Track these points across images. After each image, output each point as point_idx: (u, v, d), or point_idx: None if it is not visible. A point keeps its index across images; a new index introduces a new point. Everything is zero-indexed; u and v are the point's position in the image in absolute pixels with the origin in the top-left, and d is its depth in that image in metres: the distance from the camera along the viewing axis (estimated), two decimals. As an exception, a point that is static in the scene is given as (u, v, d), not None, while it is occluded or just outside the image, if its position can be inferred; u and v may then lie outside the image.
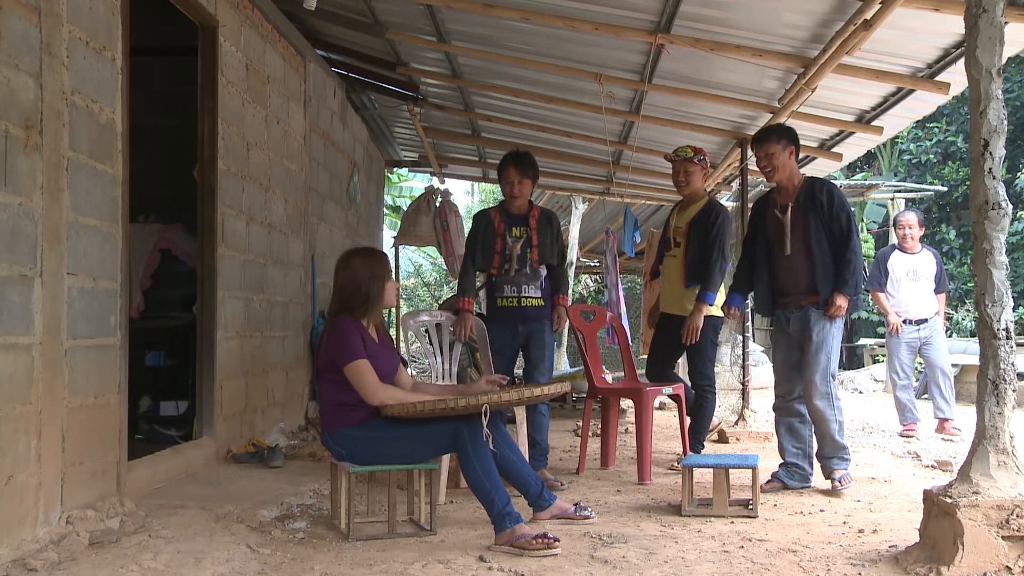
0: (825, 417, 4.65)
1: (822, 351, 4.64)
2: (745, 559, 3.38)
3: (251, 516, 3.88)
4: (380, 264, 3.93)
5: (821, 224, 4.65)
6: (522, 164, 5.07)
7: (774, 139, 4.75)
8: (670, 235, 5.63)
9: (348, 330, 3.76)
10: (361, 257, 3.94)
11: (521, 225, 5.09)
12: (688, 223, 5.49)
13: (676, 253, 5.56)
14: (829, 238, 4.65)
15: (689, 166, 5.45)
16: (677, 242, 5.56)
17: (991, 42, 3.18)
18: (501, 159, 5.17)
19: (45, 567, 3.02)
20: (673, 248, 5.59)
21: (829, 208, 4.64)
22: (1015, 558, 2.99)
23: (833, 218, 4.64)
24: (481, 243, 5.10)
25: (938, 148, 19.75)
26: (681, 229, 5.54)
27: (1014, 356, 3.19)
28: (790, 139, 4.77)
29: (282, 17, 6.36)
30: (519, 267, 5.03)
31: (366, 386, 3.70)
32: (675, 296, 5.58)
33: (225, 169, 5.31)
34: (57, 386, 3.48)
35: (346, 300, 3.84)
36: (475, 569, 3.26)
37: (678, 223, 5.58)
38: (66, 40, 3.56)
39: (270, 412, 6.13)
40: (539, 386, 4.09)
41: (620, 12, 5.33)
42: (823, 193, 4.66)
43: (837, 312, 4.62)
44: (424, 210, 9.34)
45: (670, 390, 5.45)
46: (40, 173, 3.37)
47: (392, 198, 18.72)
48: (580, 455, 5.39)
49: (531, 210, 5.14)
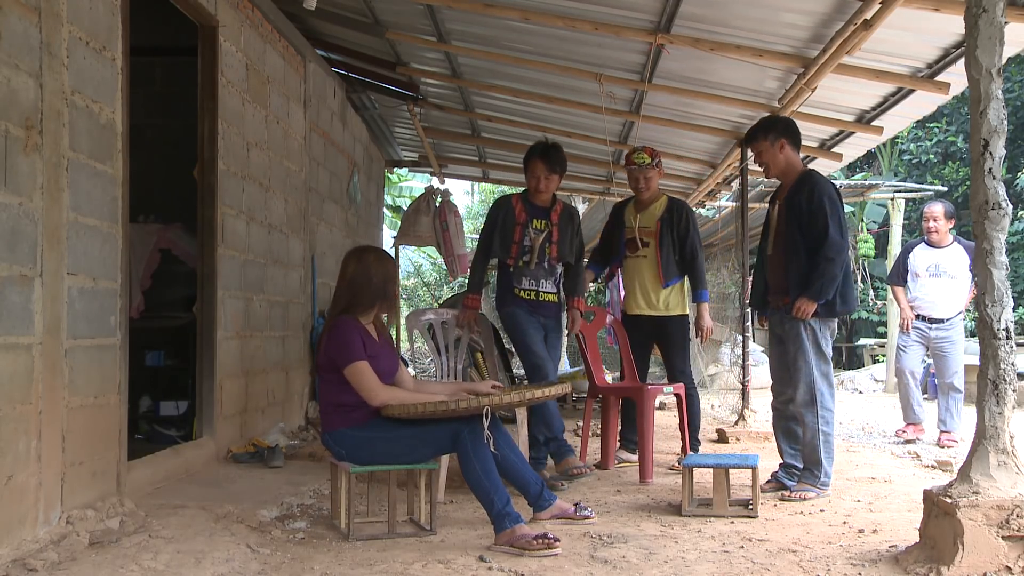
0: (806, 423, 4.49)
1: (799, 357, 4.47)
2: (745, 559, 3.38)
3: (251, 516, 3.88)
4: (393, 266, 3.98)
5: (798, 223, 4.46)
6: (550, 159, 4.96)
7: (760, 136, 4.62)
8: (635, 236, 5.54)
9: (348, 330, 3.75)
10: (375, 255, 3.95)
11: (543, 218, 5.04)
12: (658, 222, 5.47)
13: (646, 253, 5.52)
14: (805, 238, 4.44)
15: (648, 172, 5.47)
16: (645, 242, 5.51)
17: (991, 42, 3.18)
18: (528, 149, 5.07)
19: (45, 567, 3.02)
20: (641, 248, 5.53)
21: (808, 207, 4.43)
22: (1015, 558, 2.99)
23: (811, 218, 4.42)
24: (500, 231, 5.02)
25: (938, 148, 19.75)
26: (650, 229, 5.50)
27: (1014, 356, 3.18)
28: (779, 132, 4.58)
29: (282, 17, 6.36)
30: (538, 261, 5.00)
31: (367, 387, 3.70)
32: (647, 297, 5.53)
33: (225, 169, 5.31)
34: (57, 386, 3.48)
35: (355, 295, 3.82)
36: (475, 569, 3.26)
37: (644, 223, 5.53)
38: (66, 40, 3.56)
39: (270, 412, 6.13)
40: (540, 388, 4.09)
41: (620, 12, 5.33)
42: (803, 195, 4.45)
43: (800, 315, 4.41)
44: (424, 210, 9.34)
45: (671, 389, 5.45)
46: (40, 173, 3.37)
47: (392, 198, 18.71)
48: (580, 456, 5.33)
49: (554, 204, 5.09)
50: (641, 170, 5.48)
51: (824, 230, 4.37)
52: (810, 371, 4.46)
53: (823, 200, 4.39)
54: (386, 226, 14.66)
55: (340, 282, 3.91)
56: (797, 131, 4.70)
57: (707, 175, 8.55)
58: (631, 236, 5.57)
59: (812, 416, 4.47)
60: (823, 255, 4.36)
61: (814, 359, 4.47)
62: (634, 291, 5.60)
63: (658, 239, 5.47)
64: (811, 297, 4.39)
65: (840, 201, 4.50)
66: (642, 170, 5.48)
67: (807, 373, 4.47)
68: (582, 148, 8.81)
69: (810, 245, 4.42)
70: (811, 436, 4.49)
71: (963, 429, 6.78)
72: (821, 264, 4.36)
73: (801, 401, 4.49)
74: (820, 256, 4.37)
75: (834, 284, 4.40)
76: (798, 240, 4.46)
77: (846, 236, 4.48)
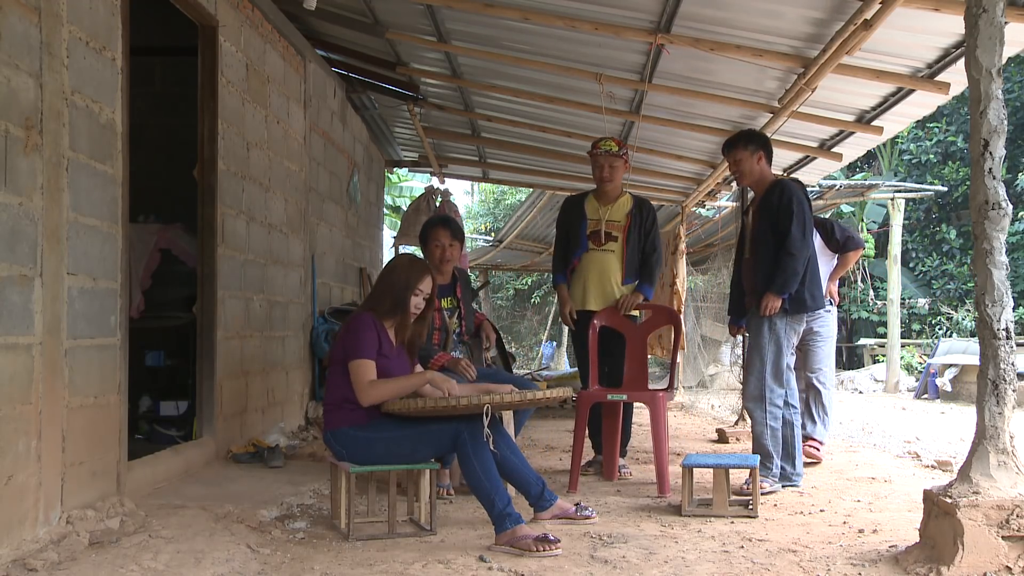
0: (755, 419, 4.72)
1: (756, 353, 4.70)
2: (745, 559, 3.38)
3: (251, 516, 3.88)
4: (419, 275, 3.91)
5: (770, 227, 4.69)
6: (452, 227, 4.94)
7: (741, 146, 4.87)
8: (600, 229, 5.33)
9: (365, 327, 3.78)
10: (407, 261, 4.06)
11: (449, 295, 4.93)
12: (628, 216, 5.33)
13: (613, 248, 5.32)
14: (775, 238, 4.66)
15: (614, 160, 5.33)
16: (613, 236, 5.32)
17: (991, 42, 3.19)
18: (426, 221, 5.10)
19: (45, 567, 3.02)
20: (607, 242, 5.33)
21: (777, 209, 4.67)
22: (1015, 558, 2.99)
23: (779, 216, 4.65)
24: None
25: (938, 148, 19.75)
26: (618, 223, 5.33)
27: (1014, 356, 3.19)
28: (758, 145, 4.86)
29: (282, 17, 6.36)
30: (456, 340, 4.94)
31: (358, 384, 3.71)
32: (606, 293, 5.29)
33: (225, 169, 5.31)
34: (57, 386, 3.48)
35: (378, 296, 3.93)
36: (475, 569, 3.26)
37: (612, 217, 5.34)
38: (66, 40, 3.56)
39: (270, 412, 6.13)
40: (542, 390, 4.09)
41: (620, 12, 5.33)
42: (775, 196, 4.70)
43: (766, 311, 4.61)
44: (424, 210, 9.33)
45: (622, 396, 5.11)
46: (40, 173, 3.37)
47: (392, 198, 18.73)
48: (572, 470, 4.88)
49: (455, 281, 4.97)
50: (607, 157, 5.33)
51: (787, 231, 4.60)
52: (763, 369, 4.67)
53: (791, 200, 4.65)
54: (386, 226, 14.66)
55: (375, 283, 4.05)
56: (772, 149, 5.00)
57: (707, 175, 8.54)
58: (597, 228, 5.36)
59: (761, 412, 4.68)
60: (785, 250, 4.59)
61: (770, 358, 4.67)
62: (591, 285, 5.32)
63: (626, 234, 5.32)
64: (775, 292, 4.60)
65: (809, 205, 4.79)
66: (607, 157, 5.33)
67: (760, 370, 4.68)
68: (582, 148, 8.78)
69: (778, 244, 4.64)
70: (760, 431, 4.69)
71: (962, 420, 6.68)
72: (783, 259, 4.59)
73: (751, 395, 4.74)
74: (782, 251, 4.60)
75: (796, 279, 4.61)
76: (770, 240, 4.69)
77: (809, 235, 4.71)
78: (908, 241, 19.92)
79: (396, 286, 3.86)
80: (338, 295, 8.06)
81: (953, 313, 18.49)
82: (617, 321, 5.29)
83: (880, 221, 18.94)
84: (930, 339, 17.44)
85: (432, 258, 4.86)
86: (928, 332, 18.97)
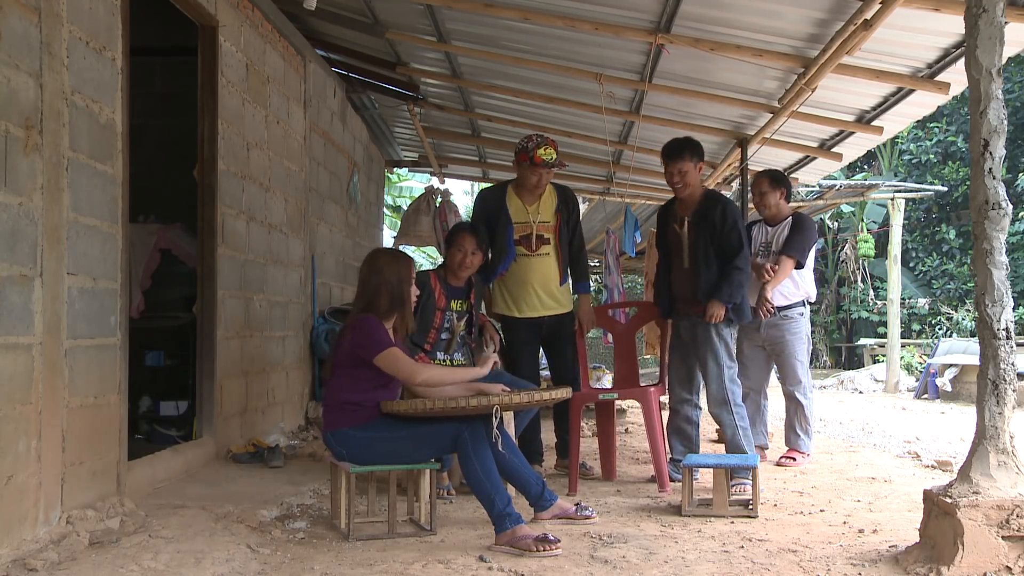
0: (724, 423, 4.78)
1: (711, 360, 4.77)
2: (745, 559, 3.38)
3: (251, 516, 3.88)
4: (407, 266, 3.92)
5: (711, 241, 4.80)
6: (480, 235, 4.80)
7: (687, 156, 4.83)
8: (531, 233, 4.99)
9: (373, 325, 3.77)
10: (389, 256, 3.99)
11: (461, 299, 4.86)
12: (556, 215, 5.04)
13: (548, 251, 5.02)
14: (719, 254, 4.79)
15: (552, 172, 4.99)
16: (545, 239, 5.02)
17: (991, 42, 3.19)
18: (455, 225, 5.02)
19: (45, 567, 3.02)
20: (539, 247, 5.01)
21: (722, 226, 4.78)
22: (1015, 558, 2.99)
23: (724, 236, 4.78)
24: (421, 313, 4.63)
25: (938, 148, 19.76)
26: (549, 224, 5.03)
27: (1014, 356, 3.19)
28: (700, 155, 4.90)
29: (282, 17, 6.36)
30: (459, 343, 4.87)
31: (405, 368, 3.73)
32: (545, 297, 5.04)
33: (225, 169, 5.31)
34: (57, 386, 3.48)
35: (371, 297, 3.84)
36: (475, 569, 3.26)
37: (542, 218, 5.03)
38: (66, 40, 3.56)
39: (270, 412, 6.13)
40: (547, 390, 4.09)
41: (620, 12, 5.33)
42: (716, 210, 4.81)
43: (712, 319, 4.72)
44: (424, 210, 9.32)
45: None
46: (40, 173, 3.37)
47: (392, 198, 18.72)
48: (571, 471, 4.80)
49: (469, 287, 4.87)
50: (547, 170, 4.93)
51: (739, 244, 4.79)
52: (721, 373, 4.76)
53: (736, 219, 4.84)
54: (386, 226, 14.66)
55: (358, 287, 3.94)
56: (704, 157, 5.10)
57: (707, 175, 8.54)
58: (527, 233, 5.00)
59: (728, 415, 4.76)
60: (734, 264, 4.77)
61: (725, 361, 4.78)
62: (529, 293, 5.02)
63: (558, 235, 5.03)
64: (723, 300, 4.74)
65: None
66: (548, 170, 4.94)
67: (718, 375, 4.76)
68: (582, 148, 8.81)
69: (723, 257, 4.79)
70: (731, 433, 4.76)
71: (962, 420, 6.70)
72: (732, 272, 4.77)
73: (715, 401, 4.79)
74: (731, 266, 4.77)
75: (741, 290, 4.82)
76: (711, 253, 4.81)
77: (749, 248, 5.03)
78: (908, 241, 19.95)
79: (390, 283, 3.84)
80: (338, 295, 8.06)
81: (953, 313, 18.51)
82: (605, 322, 5.56)
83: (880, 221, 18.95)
84: (930, 339, 17.45)
85: (452, 260, 4.77)
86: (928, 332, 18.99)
